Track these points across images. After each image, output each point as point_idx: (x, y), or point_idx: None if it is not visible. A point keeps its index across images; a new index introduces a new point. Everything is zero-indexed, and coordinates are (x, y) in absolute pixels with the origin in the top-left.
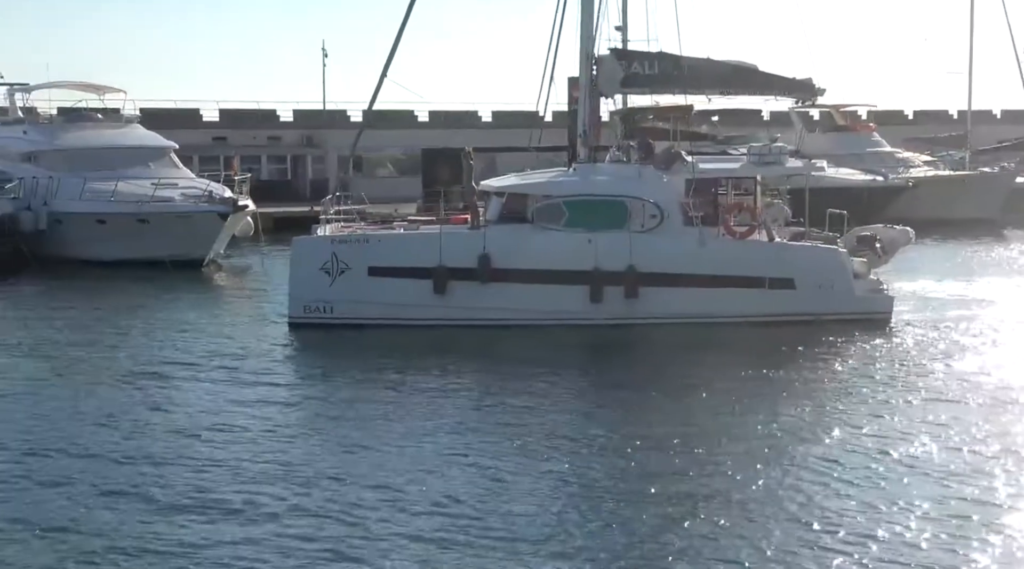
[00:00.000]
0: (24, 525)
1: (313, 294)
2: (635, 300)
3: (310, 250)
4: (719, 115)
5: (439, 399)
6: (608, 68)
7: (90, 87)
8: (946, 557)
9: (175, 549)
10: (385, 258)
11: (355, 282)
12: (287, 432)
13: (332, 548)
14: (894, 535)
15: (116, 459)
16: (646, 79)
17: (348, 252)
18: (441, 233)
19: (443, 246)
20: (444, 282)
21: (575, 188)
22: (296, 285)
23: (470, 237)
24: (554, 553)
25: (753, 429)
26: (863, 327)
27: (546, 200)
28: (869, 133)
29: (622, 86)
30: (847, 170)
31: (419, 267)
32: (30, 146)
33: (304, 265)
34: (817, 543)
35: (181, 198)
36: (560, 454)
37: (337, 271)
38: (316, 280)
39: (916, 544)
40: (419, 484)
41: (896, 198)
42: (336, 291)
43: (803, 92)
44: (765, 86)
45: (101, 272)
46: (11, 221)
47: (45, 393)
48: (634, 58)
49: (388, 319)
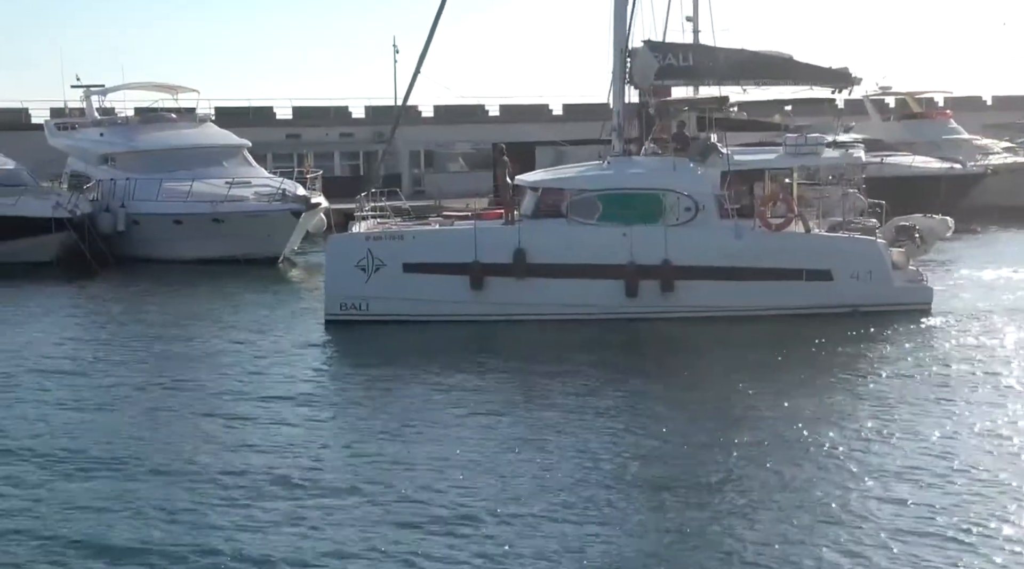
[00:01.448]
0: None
1: (349, 291)
2: (671, 293)
3: (346, 247)
4: (792, 104)
5: (480, 394)
6: (642, 60)
7: (165, 88)
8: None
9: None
10: (420, 254)
11: (390, 279)
12: (323, 430)
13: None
14: (947, 539)
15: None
16: (681, 71)
17: (383, 249)
18: (476, 229)
19: (478, 242)
20: (480, 278)
21: (609, 182)
22: (332, 282)
23: (505, 233)
24: (603, 551)
25: (798, 426)
26: (902, 318)
27: (580, 194)
28: (945, 120)
29: (657, 78)
30: (923, 158)
31: (454, 263)
32: (107, 148)
33: (340, 262)
34: (880, 542)
35: (255, 197)
36: (604, 447)
37: (373, 268)
38: (352, 277)
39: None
40: (468, 476)
41: (974, 186)
42: (372, 288)
43: (839, 81)
44: (801, 76)
45: (178, 271)
46: (90, 222)
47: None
48: (668, 50)
49: (423, 315)
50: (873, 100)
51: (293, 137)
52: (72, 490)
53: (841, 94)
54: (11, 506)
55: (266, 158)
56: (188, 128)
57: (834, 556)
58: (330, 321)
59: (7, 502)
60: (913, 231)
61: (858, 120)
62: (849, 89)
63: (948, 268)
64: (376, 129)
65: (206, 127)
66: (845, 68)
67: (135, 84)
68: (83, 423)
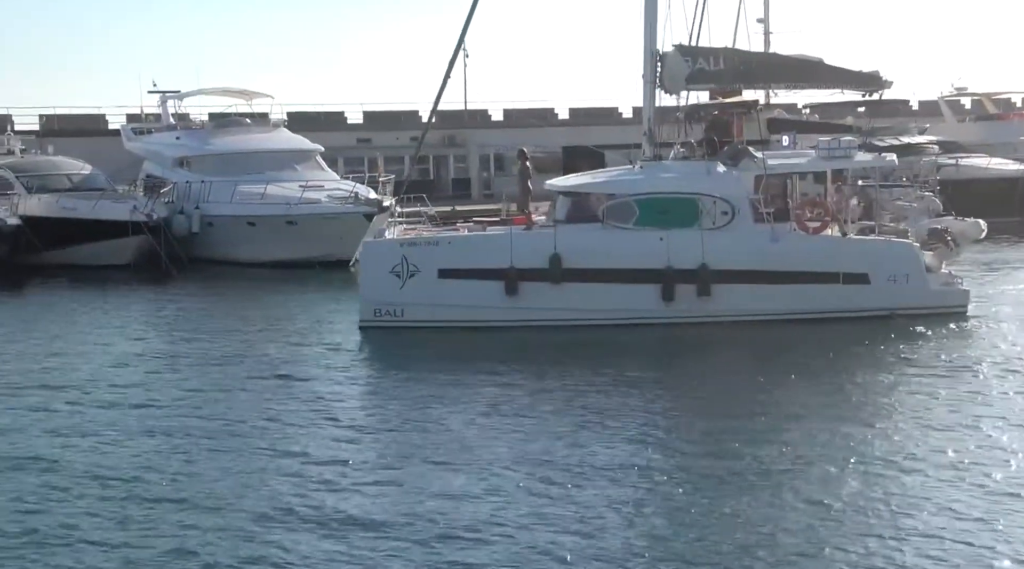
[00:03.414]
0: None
1: (383, 297)
2: (708, 298)
3: (380, 253)
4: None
5: (516, 401)
6: (673, 65)
7: (239, 93)
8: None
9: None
10: (455, 260)
11: (425, 285)
12: (360, 437)
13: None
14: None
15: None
16: (712, 75)
17: (418, 255)
18: (511, 234)
19: (514, 247)
20: (515, 283)
21: (646, 186)
22: (367, 288)
23: (541, 238)
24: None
25: (841, 430)
26: (939, 321)
27: (616, 199)
28: (1023, 121)
29: (688, 82)
30: (999, 160)
31: (490, 268)
32: (183, 151)
33: (374, 268)
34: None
35: (328, 200)
36: (643, 452)
37: (407, 274)
38: (386, 283)
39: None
40: (510, 482)
41: None
42: (406, 294)
43: (870, 85)
44: (831, 79)
45: (252, 274)
46: (166, 225)
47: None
48: (699, 54)
49: (459, 321)
50: (948, 101)
51: (364, 141)
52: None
53: (872, 97)
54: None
55: (337, 163)
56: (262, 133)
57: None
58: (364, 327)
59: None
60: (944, 234)
61: (933, 122)
62: (880, 93)
63: (985, 271)
64: (447, 133)
65: (279, 132)
66: (876, 71)
67: (210, 89)
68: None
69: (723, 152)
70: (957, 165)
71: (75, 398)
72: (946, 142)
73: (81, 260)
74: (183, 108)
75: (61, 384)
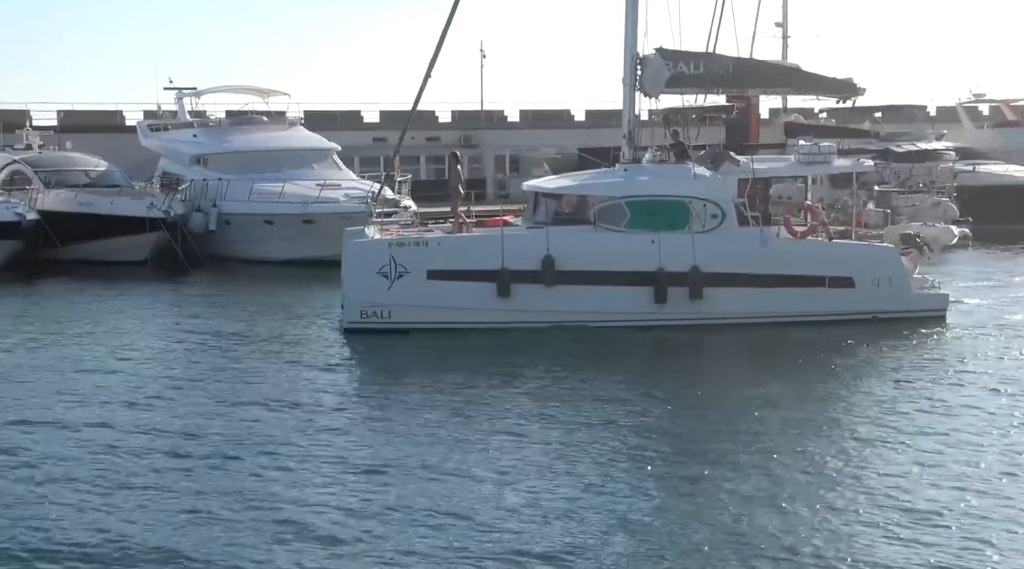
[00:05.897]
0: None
1: (370, 298)
2: (699, 300)
3: (367, 253)
4: (883, 111)
5: (509, 402)
6: (653, 68)
7: (256, 91)
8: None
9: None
10: (444, 261)
11: (414, 286)
12: (348, 442)
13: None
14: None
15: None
16: (692, 79)
17: (406, 255)
18: (503, 235)
19: (505, 249)
20: (507, 285)
21: (637, 189)
22: (352, 289)
23: (533, 239)
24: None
25: (833, 432)
26: (921, 325)
27: (607, 201)
28: None
29: (667, 86)
30: (1017, 166)
31: (481, 270)
32: (200, 149)
33: (361, 269)
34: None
35: (345, 199)
36: (635, 453)
37: (395, 275)
38: (373, 284)
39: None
40: (501, 485)
41: None
42: (394, 295)
43: (843, 91)
44: (807, 85)
45: (267, 272)
46: (183, 222)
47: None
48: (680, 58)
49: (448, 323)
50: (966, 107)
51: (380, 141)
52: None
53: (845, 103)
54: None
55: (353, 161)
56: (279, 131)
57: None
58: (350, 330)
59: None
60: (916, 238)
61: (951, 128)
62: (853, 99)
63: (960, 275)
64: (463, 133)
65: (296, 130)
66: (850, 79)
67: (227, 87)
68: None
69: (702, 155)
70: (974, 171)
71: (84, 394)
72: (963, 148)
73: (98, 256)
74: (200, 105)
75: (71, 381)
